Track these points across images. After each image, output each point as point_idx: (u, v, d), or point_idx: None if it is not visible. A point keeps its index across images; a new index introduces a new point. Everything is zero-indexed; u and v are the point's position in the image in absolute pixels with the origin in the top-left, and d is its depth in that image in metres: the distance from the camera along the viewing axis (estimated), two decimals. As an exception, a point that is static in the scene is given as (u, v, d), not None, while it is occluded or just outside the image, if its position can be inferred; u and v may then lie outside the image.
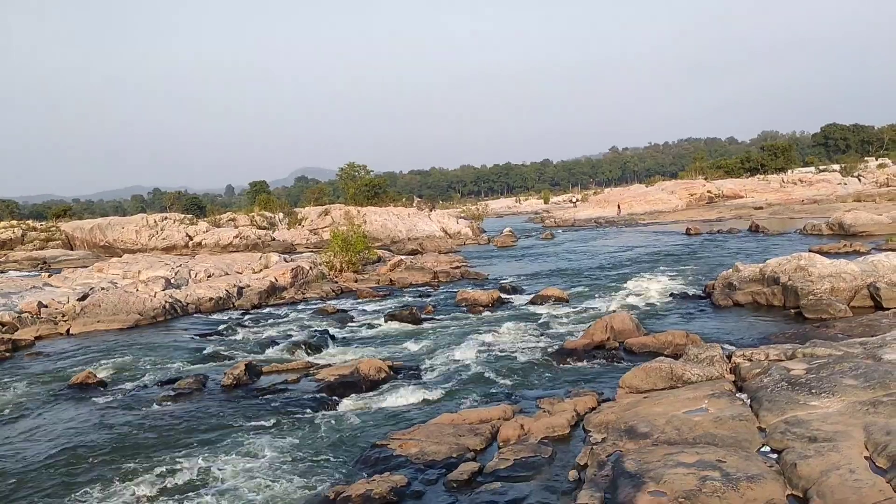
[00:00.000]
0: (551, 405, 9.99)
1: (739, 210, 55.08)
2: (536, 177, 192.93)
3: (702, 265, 26.38)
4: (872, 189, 60.97)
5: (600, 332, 14.41)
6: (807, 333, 13.33)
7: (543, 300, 20.34)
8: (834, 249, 25.24)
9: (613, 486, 6.69)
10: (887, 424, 6.95)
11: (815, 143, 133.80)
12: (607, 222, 58.59)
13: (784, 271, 17.42)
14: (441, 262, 32.50)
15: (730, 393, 9.09)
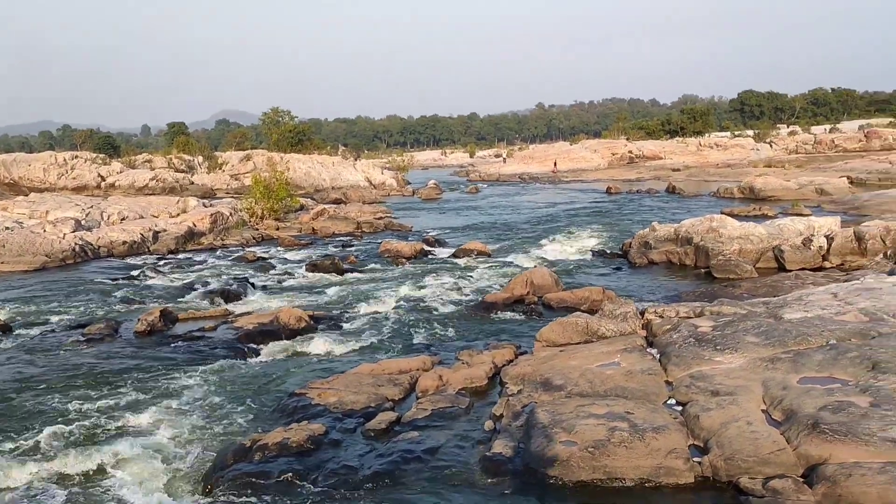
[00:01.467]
0: (470, 357, 10.17)
1: (658, 171, 56.40)
2: (463, 130, 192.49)
3: (620, 224, 27.03)
4: (783, 155, 63.39)
5: (521, 287, 14.66)
6: (715, 292, 13.90)
7: (466, 253, 20.51)
8: (744, 212, 26.21)
9: (527, 436, 6.90)
10: (784, 380, 7.36)
11: (732, 108, 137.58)
12: (531, 178, 59.19)
13: (697, 232, 18.03)
14: (365, 212, 32.29)
15: (641, 348, 9.43)
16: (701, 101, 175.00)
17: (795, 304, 10.39)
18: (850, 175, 38.35)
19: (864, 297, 10.32)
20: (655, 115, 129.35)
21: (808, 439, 5.94)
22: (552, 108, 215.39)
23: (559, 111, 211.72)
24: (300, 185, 47.08)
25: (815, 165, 49.58)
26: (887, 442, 5.62)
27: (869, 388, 6.72)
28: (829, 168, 45.24)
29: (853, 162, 48.03)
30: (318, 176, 51.87)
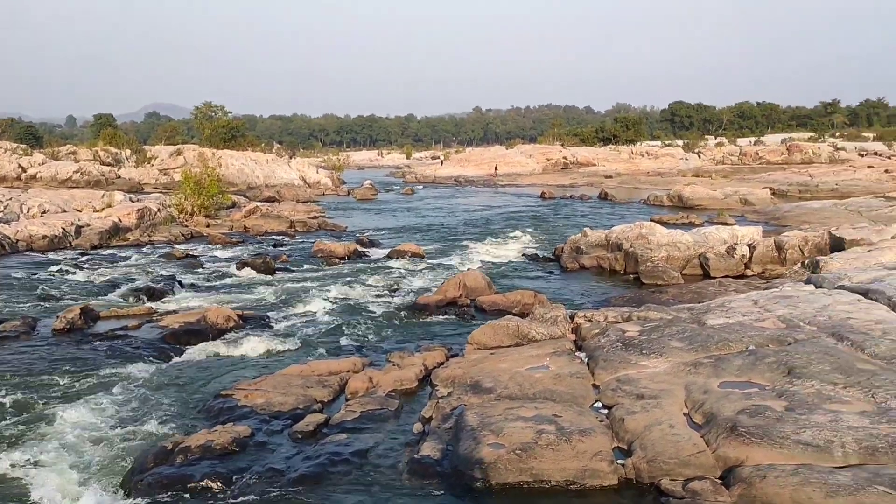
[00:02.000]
0: (401, 359, 10.14)
1: (591, 177, 57.43)
2: (400, 131, 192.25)
3: (553, 228, 27.41)
4: (710, 166, 65.29)
5: (453, 289, 14.70)
6: (643, 298, 14.21)
7: (400, 255, 20.47)
8: (672, 220, 26.93)
9: (456, 438, 6.91)
10: (705, 384, 7.58)
11: (663, 118, 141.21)
12: (467, 181, 59.49)
13: (627, 238, 18.42)
14: (299, 211, 31.91)
15: (570, 351, 9.57)
16: (634, 110, 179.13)
17: (718, 311, 10.70)
18: (773, 186, 39.79)
19: (782, 304, 10.70)
20: (590, 123, 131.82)
21: (726, 442, 6.12)
22: (489, 112, 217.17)
23: (496, 115, 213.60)
24: (232, 182, 46.24)
25: (740, 176, 51.25)
26: (800, 445, 5.84)
27: (784, 393, 6.97)
28: (753, 179, 46.83)
29: (775, 174, 49.84)
30: (252, 173, 51.04)
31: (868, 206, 27.27)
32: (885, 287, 10.86)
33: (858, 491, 5.14)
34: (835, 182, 41.45)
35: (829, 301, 10.57)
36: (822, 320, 9.54)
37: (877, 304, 10.25)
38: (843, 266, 13.43)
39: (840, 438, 5.84)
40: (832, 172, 46.21)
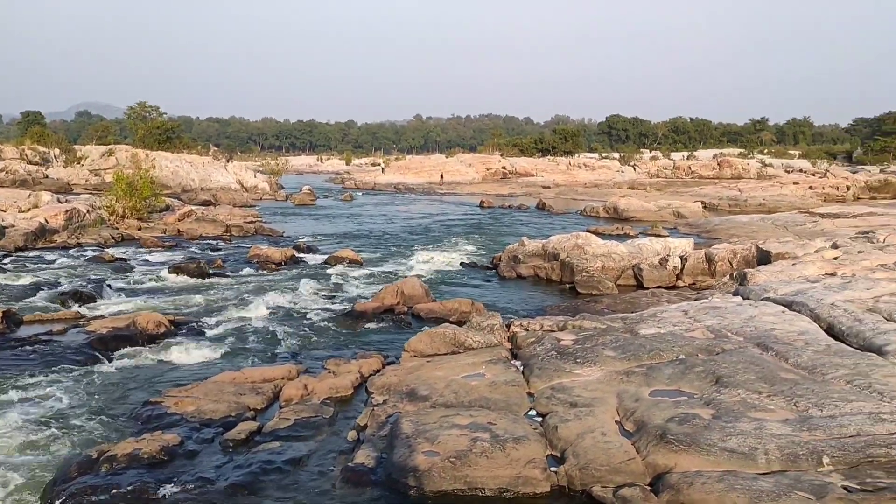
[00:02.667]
0: (337, 366, 10.05)
1: (530, 188, 58.05)
2: (340, 137, 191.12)
3: (491, 237, 27.60)
4: (645, 178, 66.74)
5: (391, 297, 14.67)
6: (578, 307, 14.43)
7: (338, 261, 20.32)
8: (608, 231, 27.41)
9: (390, 446, 6.88)
10: (637, 392, 7.73)
11: (601, 131, 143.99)
12: (407, 189, 59.46)
13: (563, 248, 18.67)
14: (235, 215, 31.38)
15: (506, 360, 9.65)
16: (572, 122, 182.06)
17: (650, 321, 10.94)
18: (704, 200, 40.91)
19: (711, 315, 11.01)
20: (529, 133, 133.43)
21: (655, 449, 6.25)
22: (430, 121, 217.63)
23: (437, 124, 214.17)
24: (166, 185, 45.16)
25: (674, 189, 52.54)
26: (726, 452, 6.00)
27: (711, 401, 7.16)
28: (686, 193, 48.07)
29: (707, 188, 51.28)
30: (187, 176, 49.97)
31: (793, 220, 28.29)
32: (808, 299, 11.28)
33: (780, 497, 5.31)
34: (762, 197, 42.88)
35: (756, 312, 10.92)
36: (749, 331, 9.85)
37: (800, 315, 10.64)
38: (769, 279, 13.88)
39: (764, 446, 6.02)
40: (760, 188, 47.78)
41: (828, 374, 7.76)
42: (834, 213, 30.00)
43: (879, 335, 9.07)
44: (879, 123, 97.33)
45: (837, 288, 12.01)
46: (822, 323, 10.14)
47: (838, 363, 8.06)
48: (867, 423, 6.29)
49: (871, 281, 12.47)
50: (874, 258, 14.73)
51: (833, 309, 10.49)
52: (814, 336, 9.46)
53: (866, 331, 9.32)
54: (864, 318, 9.89)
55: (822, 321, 10.19)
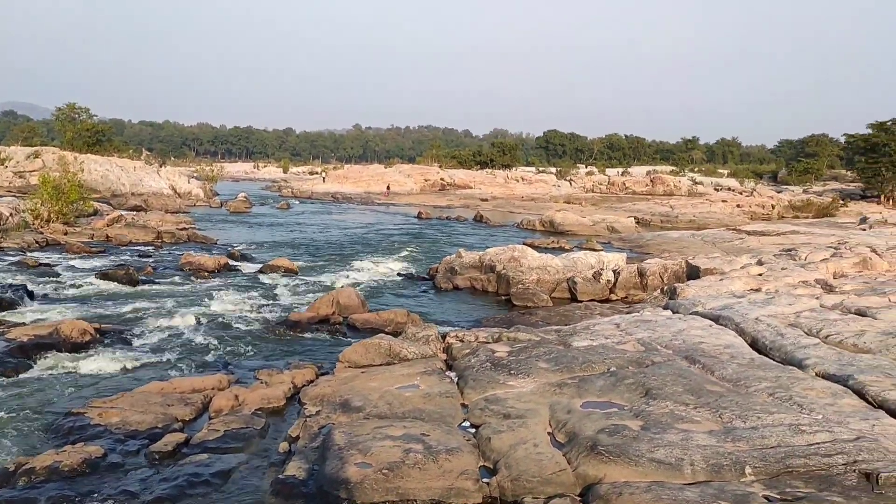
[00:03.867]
0: (269, 376, 9.90)
1: (468, 200, 58.41)
2: (278, 145, 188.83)
3: (429, 249, 27.65)
4: (581, 193, 67.88)
5: (326, 306, 14.54)
6: (513, 319, 14.55)
7: (273, 270, 20.04)
8: (544, 244, 27.78)
9: (322, 458, 6.80)
10: (569, 404, 7.83)
11: (538, 145, 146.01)
12: (345, 198, 59.10)
13: (500, 260, 18.84)
14: (167, 221, 30.65)
15: (441, 371, 9.65)
16: (511, 135, 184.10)
17: (583, 333, 11.12)
18: (637, 216, 41.90)
19: (642, 328, 11.25)
20: (468, 146, 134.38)
21: (586, 460, 6.34)
22: (369, 130, 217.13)
23: (376, 134, 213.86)
24: (95, 189, 43.82)
25: (608, 205, 53.62)
26: (653, 463, 6.12)
27: (641, 413, 7.30)
28: (620, 208, 49.11)
29: (640, 204, 52.52)
30: (117, 180, 48.62)
31: (721, 237, 29.18)
32: (734, 314, 11.64)
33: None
34: (693, 214, 44.12)
35: (685, 326, 11.21)
36: (678, 344, 10.10)
37: (726, 329, 10.97)
38: (698, 293, 14.26)
39: (690, 456, 6.17)
40: (691, 205, 49.17)
41: (751, 387, 8.00)
42: (759, 231, 31.06)
43: (800, 349, 9.41)
44: (803, 145, 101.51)
45: (761, 303, 12.42)
46: (746, 337, 10.47)
47: (761, 376, 8.33)
48: (787, 435, 6.51)
49: (793, 297, 12.94)
50: (796, 275, 15.30)
51: (757, 323, 10.85)
52: (739, 350, 9.76)
53: (788, 345, 9.66)
54: (786, 332, 10.26)
55: (746, 335, 10.52)
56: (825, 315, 11.22)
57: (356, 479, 6.22)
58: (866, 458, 5.99)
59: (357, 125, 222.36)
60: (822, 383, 8.06)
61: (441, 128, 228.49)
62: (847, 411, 7.15)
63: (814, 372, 8.58)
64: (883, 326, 10.26)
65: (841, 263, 16.46)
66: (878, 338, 9.69)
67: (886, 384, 7.73)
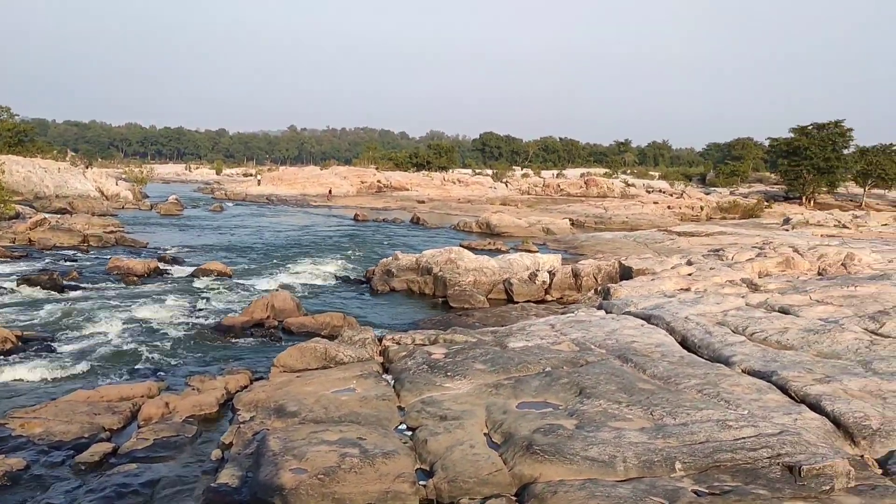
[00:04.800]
0: (202, 383, 9.69)
1: (404, 202, 58.33)
2: (210, 146, 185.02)
3: (365, 251, 27.49)
4: (517, 195, 68.54)
5: (261, 310, 14.31)
6: (450, 321, 14.59)
7: (205, 274, 19.63)
8: (480, 246, 27.92)
9: (256, 464, 6.68)
10: (505, 404, 7.89)
11: (475, 147, 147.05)
12: (280, 200, 58.32)
13: (436, 263, 18.87)
14: (94, 224, 29.70)
15: (377, 374, 9.61)
16: (447, 138, 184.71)
17: (519, 334, 11.22)
18: (572, 217, 42.54)
19: (576, 328, 11.42)
20: (404, 148, 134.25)
21: (521, 460, 6.40)
22: (304, 132, 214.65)
23: (311, 135, 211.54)
24: (17, 191, 42.16)
25: (544, 206, 54.27)
26: (587, 461, 6.22)
27: (575, 412, 7.41)
28: (555, 210, 49.77)
29: (575, 205, 53.31)
30: (41, 182, 46.92)
31: (653, 238, 29.86)
32: (664, 313, 11.92)
33: (637, 502, 5.55)
34: (626, 215, 45.03)
35: (618, 326, 11.43)
36: (611, 343, 10.29)
37: (657, 328, 11.23)
38: (630, 293, 14.56)
39: (622, 454, 6.29)
40: (623, 206, 50.15)
41: (681, 385, 8.21)
42: (689, 232, 31.92)
43: (727, 347, 9.70)
44: (729, 149, 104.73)
45: (691, 302, 12.76)
46: (676, 336, 10.74)
47: (690, 373, 8.56)
48: (715, 430, 6.69)
49: (721, 296, 13.33)
50: (723, 275, 15.76)
51: (687, 322, 11.14)
52: (669, 348, 10.01)
53: (716, 343, 9.95)
54: (714, 330, 10.56)
55: (676, 334, 10.79)
56: (751, 313, 11.60)
57: (291, 486, 6.13)
58: (789, 451, 6.21)
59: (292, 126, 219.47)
60: (747, 379, 8.32)
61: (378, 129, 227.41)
62: (771, 406, 7.40)
63: (740, 369, 8.85)
64: (804, 324, 10.66)
65: (765, 263, 17.03)
66: (799, 335, 10.06)
67: (808, 379, 8.03)
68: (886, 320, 10.42)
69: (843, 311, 11.47)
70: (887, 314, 10.76)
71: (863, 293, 12.65)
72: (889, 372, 8.27)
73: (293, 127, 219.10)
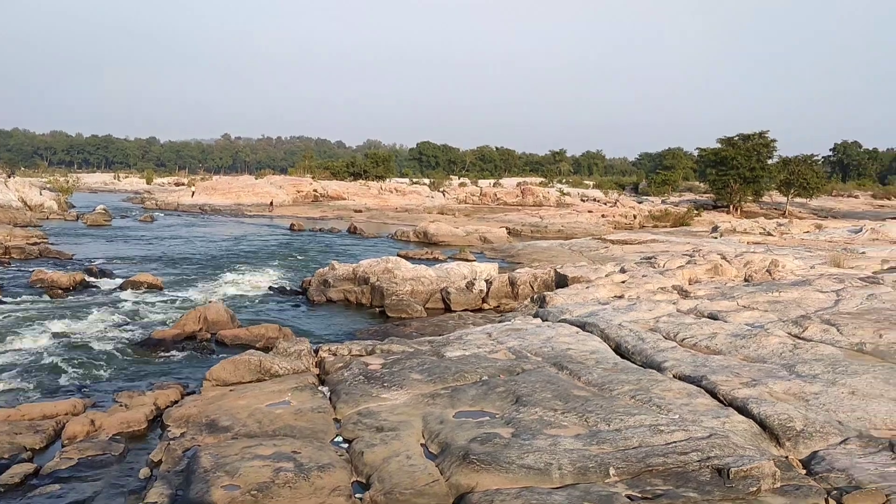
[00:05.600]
0: (130, 399, 9.40)
1: (341, 211, 57.91)
2: (140, 154, 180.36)
3: (301, 261, 27.19)
4: (454, 204, 68.84)
5: (193, 323, 13.99)
6: (388, 331, 14.53)
7: (135, 286, 19.09)
8: (418, 255, 27.93)
9: (187, 482, 6.50)
10: (441, 414, 7.87)
11: (412, 157, 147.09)
12: (214, 210, 57.22)
13: (374, 272, 18.77)
14: (16, 236, 28.61)
15: (313, 386, 9.48)
16: (384, 147, 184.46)
17: (456, 343, 11.23)
18: (509, 226, 42.91)
19: (512, 336, 11.50)
20: (341, 157, 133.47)
21: (458, 470, 6.38)
22: (239, 140, 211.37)
23: (246, 144, 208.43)
24: (-67, 201, 40.34)
25: (481, 215, 54.67)
26: (523, 469, 6.25)
27: (512, 420, 7.44)
28: (492, 218, 50.17)
29: (511, 214, 53.86)
30: (-42, 191, 44.96)
31: (588, 246, 30.34)
32: (599, 320, 12.10)
33: (572, 508, 5.60)
34: (561, 224, 45.68)
35: (553, 333, 11.55)
36: (547, 351, 10.40)
37: (592, 335, 11.39)
38: (566, 301, 14.75)
39: (558, 461, 6.34)
40: (559, 215, 50.91)
41: (615, 391, 8.34)
42: (623, 240, 32.54)
43: (659, 353, 9.90)
44: (661, 158, 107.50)
45: (624, 309, 12.99)
46: (611, 342, 10.91)
47: (624, 379, 8.70)
48: (647, 435, 6.81)
49: (653, 303, 13.61)
50: (655, 282, 16.11)
51: (620, 329, 11.33)
52: (604, 355, 10.16)
53: (648, 349, 10.15)
54: (647, 337, 10.77)
55: (611, 341, 10.97)
56: (681, 319, 11.87)
57: (223, 503, 5.98)
58: (718, 454, 6.36)
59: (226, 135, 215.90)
60: (678, 384, 8.51)
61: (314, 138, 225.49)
62: (701, 410, 7.57)
63: (671, 374, 9.04)
64: (732, 329, 10.97)
65: (695, 270, 17.49)
66: (727, 339, 10.35)
67: (735, 383, 8.25)
68: (808, 324, 10.80)
69: (769, 316, 11.85)
70: (809, 319, 11.16)
71: (786, 298, 13.10)
72: (811, 374, 8.57)
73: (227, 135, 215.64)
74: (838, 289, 13.65)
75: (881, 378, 8.21)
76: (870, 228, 34.04)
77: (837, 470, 6.24)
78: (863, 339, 9.92)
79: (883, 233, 32.74)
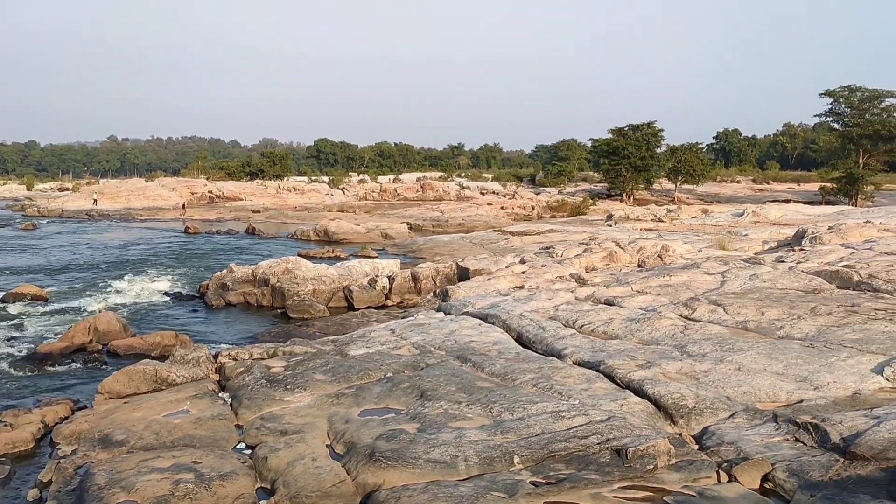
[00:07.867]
0: (15, 417, 8.87)
1: (239, 212, 56.52)
2: (19, 159, 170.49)
3: (198, 265, 26.37)
4: (354, 201, 68.39)
5: (82, 334, 13.35)
6: (290, 332, 14.29)
7: (17, 298, 18.03)
8: (319, 254, 27.59)
9: (80, 500, 6.21)
10: (347, 414, 7.82)
11: (310, 154, 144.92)
12: (101, 215, 54.73)
13: (274, 273, 18.42)
14: None
15: (213, 393, 9.23)
16: (281, 145, 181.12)
17: (360, 341, 11.17)
18: (410, 221, 42.97)
19: (416, 332, 11.54)
20: (236, 157, 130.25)
21: (365, 468, 6.35)
22: (126, 142, 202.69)
23: (134, 146, 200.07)
24: None
25: (381, 212, 54.49)
26: (430, 463, 6.28)
27: (417, 416, 7.47)
28: (393, 214, 50.10)
29: (412, 209, 53.92)
30: None
31: (488, 238, 30.75)
32: (500, 312, 12.29)
33: (478, 499, 5.66)
34: (462, 217, 46.09)
35: (456, 327, 11.66)
36: (450, 345, 10.48)
37: (494, 327, 11.56)
38: (468, 294, 14.91)
39: (463, 453, 6.40)
40: (459, 209, 51.32)
41: (517, 380, 8.50)
42: (522, 231, 33.14)
43: (559, 340, 10.15)
44: (556, 150, 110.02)
45: (525, 300, 13.24)
46: (512, 333, 11.11)
47: (526, 368, 8.87)
48: (550, 422, 6.97)
49: (552, 292, 13.94)
50: (554, 271, 16.50)
51: (521, 319, 11.55)
52: (506, 345, 10.33)
53: (548, 337, 10.39)
54: (547, 325, 11.02)
55: (512, 331, 11.16)
56: (579, 307, 12.21)
57: (120, 520, 5.75)
58: (616, 435, 6.58)
59: (112, 137, 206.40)
60: (578, 370, 8.75)
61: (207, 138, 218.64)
62: (600, 394, 7.81)
63: (571, 360, 9.29)
64: (627, 314, 11.37)
65: (591, 258, 18.00)
66: (623, 324, 10.71)
67: (631, 366, 8.56)
68: (697, 306, 11.31)
69: (661, 299, 12.34)
70: (698, 300, 11.69)
71: (676, 282, 13.67)
72: (701, 354, 8.98)
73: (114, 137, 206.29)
74: (723, 270, 14.35)
75: (764, 353, 8.68)
76: (751, 211, 35.99)
77: (727, 443, 6.57)
78: (746, 318, 10.46)
79: (763, 215, 34.69)
